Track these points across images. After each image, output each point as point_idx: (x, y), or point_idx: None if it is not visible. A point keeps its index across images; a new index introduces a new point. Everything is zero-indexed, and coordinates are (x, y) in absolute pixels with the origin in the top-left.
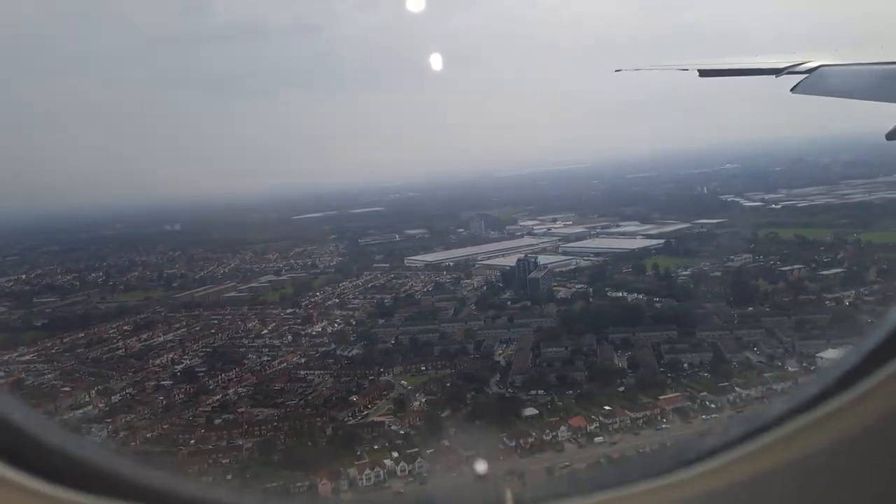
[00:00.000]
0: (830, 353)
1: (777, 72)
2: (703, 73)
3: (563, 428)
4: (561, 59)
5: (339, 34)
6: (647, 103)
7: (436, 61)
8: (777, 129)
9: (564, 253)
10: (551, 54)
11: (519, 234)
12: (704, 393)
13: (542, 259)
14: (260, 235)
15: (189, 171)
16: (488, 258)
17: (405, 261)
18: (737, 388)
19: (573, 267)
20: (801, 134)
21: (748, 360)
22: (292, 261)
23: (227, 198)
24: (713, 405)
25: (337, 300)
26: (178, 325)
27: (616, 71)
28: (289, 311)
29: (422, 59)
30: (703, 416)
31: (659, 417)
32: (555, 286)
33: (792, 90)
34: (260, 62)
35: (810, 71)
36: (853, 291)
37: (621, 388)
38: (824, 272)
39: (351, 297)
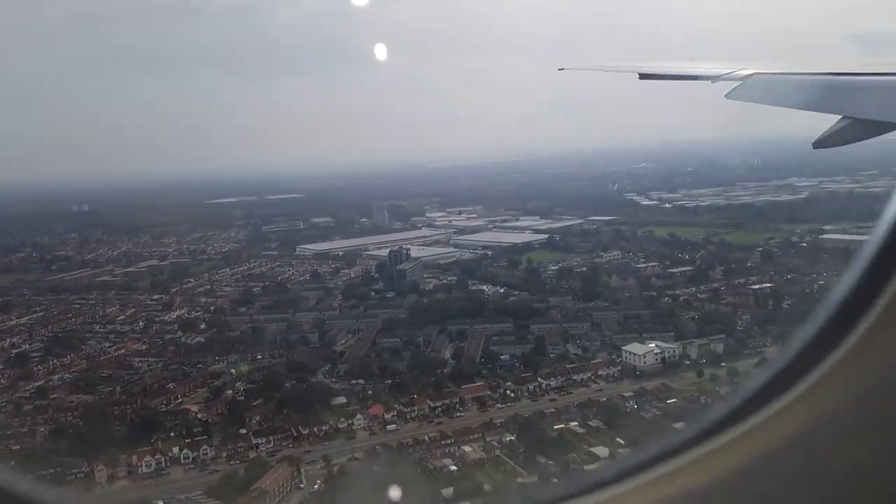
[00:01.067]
0: (635, 348)
1: (713, 78)
2: (643, 76)
3: (359, 417)
4: (503, 54)
5: (277, 18)
6: (588, 101)
7: (378, 51)
8: (709, 132)
9: (455, 245)
10: (494, 49)
11: (420, 225)
12: (509, 383)
13: (429, 251)
14: (163, 219)
15: (109, 152)
16: (378, 248)
17: (297, 249)
18: (539, 379)
19: (454, 259)
20: (736, 137)
21: (566, 353)
22: (185, 246)
23: (145, 180)
24: (512, 394)
25: (208, 287)
26: (36, 309)
27: (559, 69)
28: (155, 297)
29: (361, 48)
30: (499, 406)
31: (458, 406)
32: (427, 278)
33: (726, 96)
34: (190, 42)
35: (744, 78)
36: (693, 289)
37: (433, 378)
38: (674, 269)
39: (224, 284)
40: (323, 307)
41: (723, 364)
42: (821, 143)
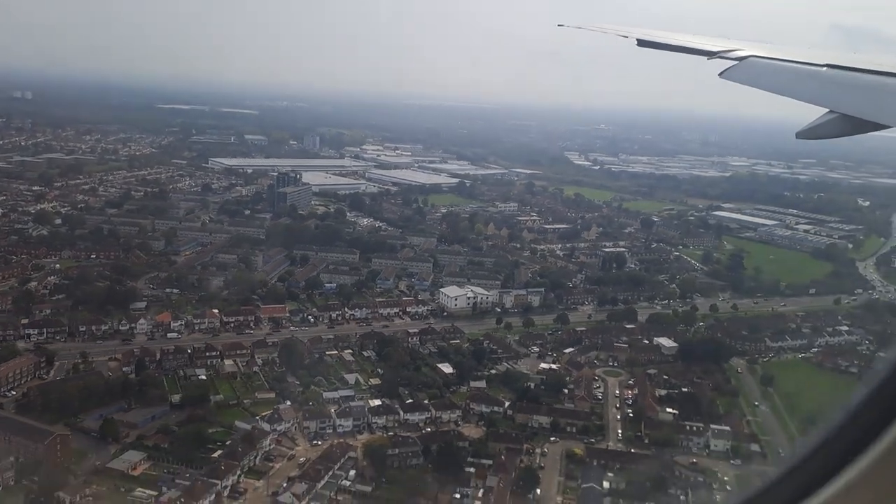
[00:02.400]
0: (451, 291)
1: (710, 54)
2: (642, 43)
3: (143, 321)
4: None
5: None
6: (586, 60)
7: None
8: (697, 106)
9: (368, 178)
10: None
11: (348, 155)
12: (314, 309)
13: (336, 180)
14: (98, 117)
15: (79, 47)
16: (290, 171)
17: (209, 161)
18: (345, 309)
19: (354, 191)
20: (721, 114)
21: (391, 288)
22: (102, 145)
23: (105, 79)
24: (312, 319)
25: (93, 186)
26: None
27: (558, 25)
28: (35, 188)
29: None
30: (293, 328)
31: (251, 323)
32: (316, 205)
33: (720, 75)
34: None
35: (740, 59)
36: (554, 245)
37: (243, 296)
38: (551, 226)
39: (111, 186)
40: (188, 218)
41: (528, 315)
42: (804, 134)
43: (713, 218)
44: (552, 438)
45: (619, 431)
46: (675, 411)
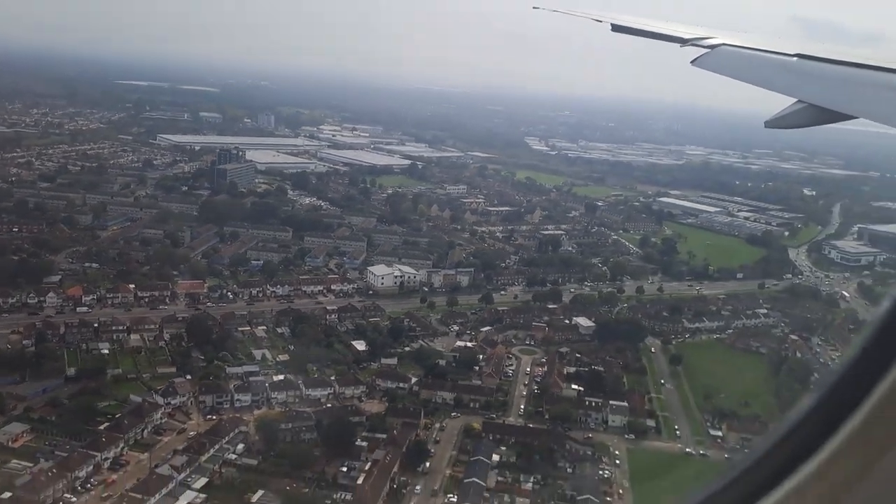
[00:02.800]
0: (379, 269)
1: (683, 41)
2: (616, 28)
3: (53, 295)
4: None
5: None
6: (559, 46)
7: None
8: (668, 94)
9: (320, 158)
10: None
11: (303, 135)
12: (234, 285)
13: (285, 159)
14: (51, 90)
15: (37, 20)
16: (243, 148)
17: (157, 137)
18: (267, 286)
19: (302, 170)
20: (692, 103)
21: (320, 266)
22: (49, 118)
23: (65, 52)
24: (231, 295)
25: (30, 160)
26: None
27: (534, 8)
28: None
29: None
30: (209, 304)
31: (166, 299)
32: (260, 182)
33: (692, 62)
34: None
35: (712, 47)
36: (495, 228)
37: (163, 271)
38: (495, 208)
39: (48, 160)
40: (121, 193)
41: (455, 294)
42: (773, 124)
43: (658, 204)
44: (453, 414)
45: (522, 407)
46: (580, 388)
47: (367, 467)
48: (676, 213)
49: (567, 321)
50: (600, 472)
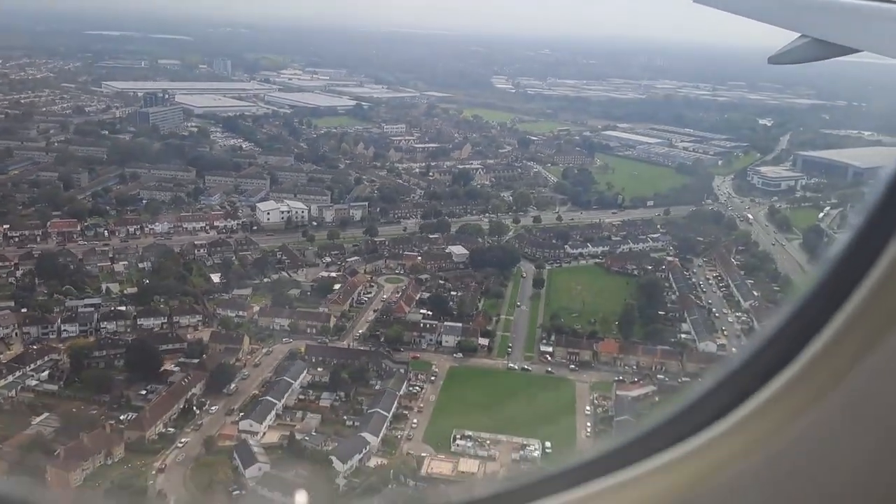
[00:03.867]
0: (266, 205)
1: None
2: None
3: None
4: None
5: None
6: None
7: None
8: (664, 30)
9: (265, 101)
10: None
11: (259, 79)
12: (110, 224)
13: (225, 102)
14: (12, 42)
15: None
16: (187, 94)
17: (102, 85)
18: (144, 223)
19: (239, 113)
20: (689, 39)
21: (215, 203)
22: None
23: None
24: (105, 233)
25: None
26: None
27: None
28: None
29: None
30: (82, 241)
31: (38, 238)
32: (189, 126)
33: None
34: None
35: None
36: (415, 164)
37: (40, 211)
38: (422, 145)
39: None
40: (36, 139)
41: (346, 228)
42: (776, 59)
43: (601, 137)
44: (285, 339)
45: (360, 332)
46: (428, 312)
47: (165, 390)
48: (615, 145)
49: (442, 250)
50: (410, 388)
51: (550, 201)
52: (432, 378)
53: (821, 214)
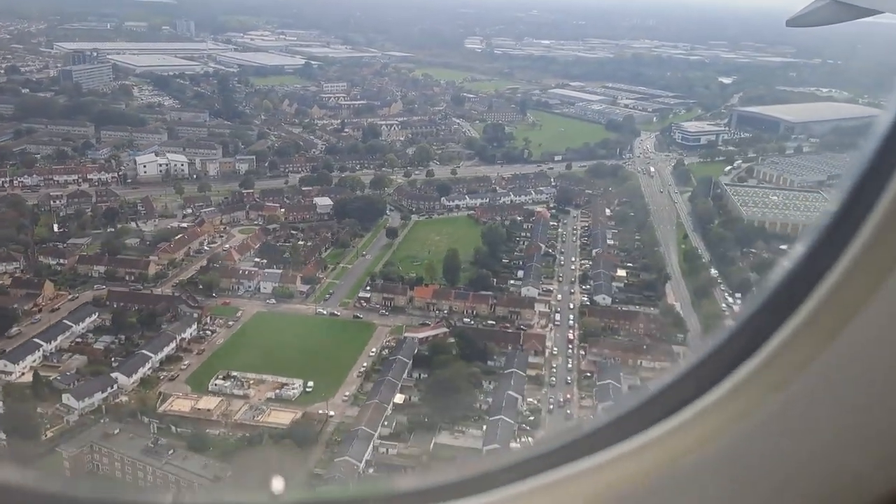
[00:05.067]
0: (144, 158)
1: None
2: None
3: None
4: None
5: None
6: None
7: None
8: None
9: (216, 61)
10: None
11: (221, 40)
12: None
13: (169, 62)
14: None
15: None
16: (136, 54)
17: (54, 46)
18: (15, 177)
19: (179, 73)
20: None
21: (102, 157)
22: None
23: None
24: None
25: None
26: None
27: None
28: None
29: None
30: None
31: None
32: (118, 84)
33: None
34: None
35: None
36: (335, 121)
37: None
38: (353, 102)
39: None
40: None
41: (227, 182)
42: (795, 22)
43: (546, 96)
44: (97, 286)
45: (179, 279)
46: (262, 260)
47: None
48: (555, 103)
49: (310, 202)
50: (202, 332)
51: (457, 156)
52: (230, 323)
53: (728, 168)
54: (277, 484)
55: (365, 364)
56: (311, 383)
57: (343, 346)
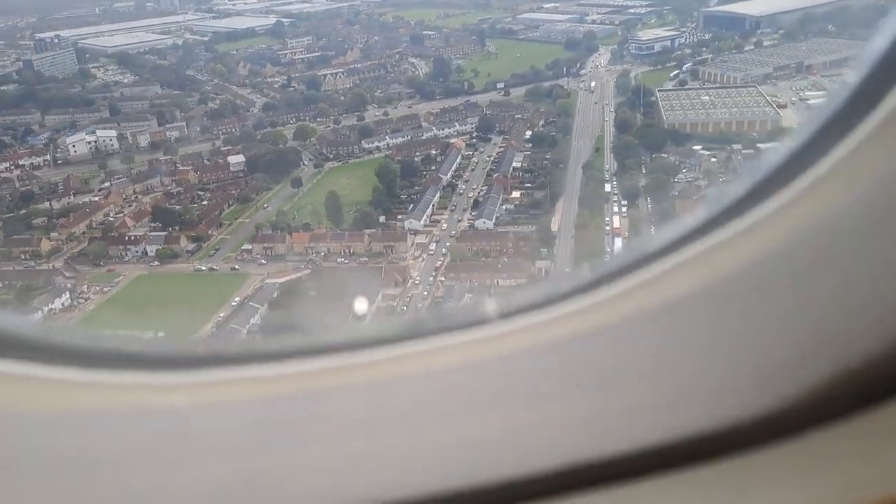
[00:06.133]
0: (74, 137)
1: None
2: None
3: None
4: None
5: None
6: None
7: None
8: None
9: (191, 31)
10: None
11: (203, 10)
12: None
13: (144, 38)
14: None
15: None
16: (110, 34)
17: (35, 37)
18: None
19: (154, 48)
20: None
21: (42, 141)
22: None
23: None
24: None
25: None
26: None
27: None
28: None
29: None
30: None
31: None
32: (87, 66)
33: None
34: None
35: None
36: (279, 78)
37: None
38: (307, 55)
39: None
40: None
41: (150, 152)
42: None
43: (516, 22)
44: None
45: (73, 252)
46: (156, 224)
47: None
48: (520, 28)
49: (224, 162)
50: (76, 302)
51: (397, 97)
52: (106, 289)
53: (675, 73)
54: None
55: (223, 314)
56: (161, 335)
57: (209, 298)
